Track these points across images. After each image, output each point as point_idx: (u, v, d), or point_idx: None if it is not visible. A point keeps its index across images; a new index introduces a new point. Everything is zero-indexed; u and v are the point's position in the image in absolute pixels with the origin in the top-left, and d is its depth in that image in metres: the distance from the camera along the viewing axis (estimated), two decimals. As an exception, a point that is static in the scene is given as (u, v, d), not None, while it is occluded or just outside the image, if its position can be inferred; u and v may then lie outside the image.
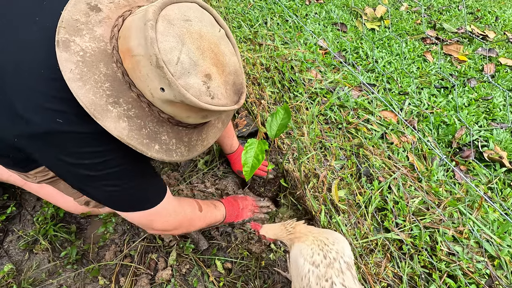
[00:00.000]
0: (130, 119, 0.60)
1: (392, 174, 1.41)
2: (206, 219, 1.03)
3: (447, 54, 2.28)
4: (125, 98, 0.60)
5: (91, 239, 1.18)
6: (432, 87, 1.93)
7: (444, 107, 1.79)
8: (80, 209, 1.15)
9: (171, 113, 0.62)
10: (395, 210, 1.29)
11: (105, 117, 0.57)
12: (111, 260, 1.10)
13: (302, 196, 1.26)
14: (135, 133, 0.60)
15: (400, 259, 1.17)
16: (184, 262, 1.11)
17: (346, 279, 0.75)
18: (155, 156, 0.63)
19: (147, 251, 1.14)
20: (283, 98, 1.77)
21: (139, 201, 0.80)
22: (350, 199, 1.33)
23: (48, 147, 0.63)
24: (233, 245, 1.16)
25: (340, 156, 1.50)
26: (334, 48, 2.19)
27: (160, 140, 0.64)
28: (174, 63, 0.55)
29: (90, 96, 0.56)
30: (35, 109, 0.59)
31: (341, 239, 0.87)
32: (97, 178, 0.69)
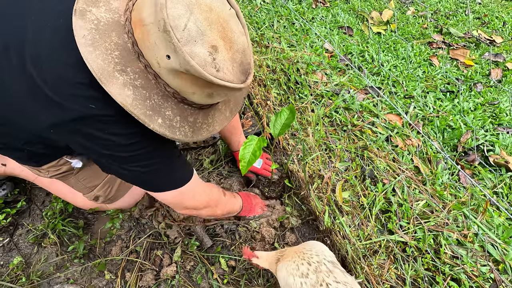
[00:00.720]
0: (135, 88, 0.60)
1: (397, 177, 1.41)
2: (228, 205, 1.07)
3: (453, 58, 2.28)
4: (132, 67, 0.61)
5: (98, 234, 1.21)
6: (438, 91, 1.93)
7: (449, 111, 1.79)
8: (89, 205, 1.18)
9: (177, 87, 0.62)
10: (399, 213, 1.29)
11: (111, 83, 0.58)
12: (117, 256, 1.12)
13: (306, 196, 1.27)
14: (139, 102, 0.61)
15: (403, 261, 1.17)
16: (189, 259, 1.12)
17: (337, 276, 0.79)
18: (157, 129, 0.63)
19: (152, 247, 1.16)
20: (288, 100, 1.78)
21: (170, 180, 0.83)
22: (354, 201, 1.34)
23: (81, 133, 0.66)
24: (237, 243, 1.17)
25: (345, 158, 1.51)
26: (340, 51, 2.20)
27: (164, 114, 0.64)
28: (181, 29, 0.56)
29: (99, 61, 0.58)
30: (68, 96, 0.62)
31: (317, 244, 0.90)
32: (128, 159, 0.72)
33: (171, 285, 1.07)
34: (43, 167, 0.92)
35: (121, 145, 0.69)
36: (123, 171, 0.76)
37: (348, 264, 1.10)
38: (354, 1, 2.87)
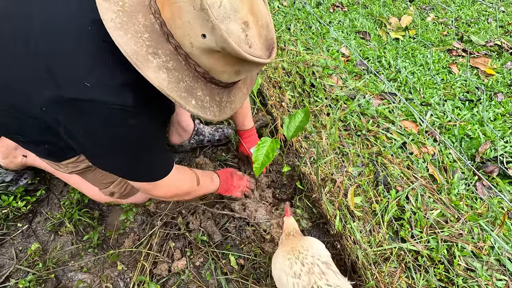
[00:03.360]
0: (169, 71, 0.60)
1: (411, 184, 1.39)
2: (200, 191, 1.09)
3: (474, 67, 2.23)
4: (163, 49, 0.59)
5: (112, 226, 1.24)
6: (457, 99, 1.89)
7: (468, 120, 1.75)
8: (104, 199, 1.21)
9: (208, 66, 0.61)
10: (413, 221, 1.27)
11: (146, 67, 0.57)
12: (129, 248, 1.14)
13: (318, 199, 1.27)
14: (174, 85, 0.60)
15: (415, 270, 1.15)
16: (199, 255, 1.14)
17: (329, 278, 0.79)
18: (192, 110, 0.63)
19: (165, 239, 1.18)
20: (303, 103, 1.79)
21: (151, 173, 0.85)
22: (366, 206, 1.32)
23: (72, 114, 0.66)
24: (246, 242, 1.18)
25: (358, 163, 1.50)
26: (357, 56, 2.19)
27: (196, 95, 0.64)
28: (217, 6, 0.55)
29: (132, 45, 0.57)
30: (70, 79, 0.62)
31: (315, 243, 0.91)
32: (114, 149, 0.74)
33: (180, 280, 1.09)
34: (62, 163, 0.96)
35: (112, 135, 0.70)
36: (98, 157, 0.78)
37: (358, 270, 1.09)
38: (372, 6, 2.85)
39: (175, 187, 0.95)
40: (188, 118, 1.41)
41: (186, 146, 1.44)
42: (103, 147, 0.73)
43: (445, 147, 1.60)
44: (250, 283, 1.08)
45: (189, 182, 1.01)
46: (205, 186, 1.11)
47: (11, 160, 1.18)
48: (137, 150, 0.76)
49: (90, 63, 0.63)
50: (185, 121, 1.40)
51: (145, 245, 1.16)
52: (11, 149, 1.17)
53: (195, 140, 1.43)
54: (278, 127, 1.49)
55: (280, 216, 1.26)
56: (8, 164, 1.19)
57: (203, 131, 1.45)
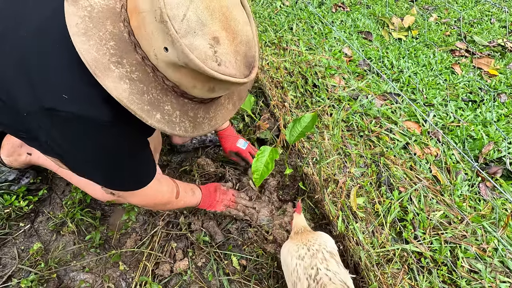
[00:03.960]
0: (132, 81, 0.56)
1: (414, 185, 1.38)
2: (179, 204, 1.07)
3: (477, 67, 2.22)
4: (129, 59, 0.57)
5: (114, 226, 1.23)
6: (460, 100, 1.88)
7: (471, 121, 1.74)
8: (107, 197, 1.20)
9: (176, 81, 0.58)
10: (415, 222, 1.26)
11: (106, 76, 0.54)
12: (131, 248, 1.14)
13: (320, 200, 1.26)
14: (136, 97, 0.57)
15: (418, 272, 1.14)
16: (201, 255, 1.14)
17: (330, 265, 0.83)
18: (156, 125, 0.59)
19: (167, 239, 1.18)
20: (305, 103, 1.78)
21: (130, 183, 0.83)
22: (368, 207, 1.32)
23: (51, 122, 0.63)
24: (248, 243, 1.17)
25: (360, 164, 1.49)
26: (359, 56, 2.18)
27: (163, 109, 0.60)
28: (179, 19, 0.51)
29: (93, 52, 0.54)
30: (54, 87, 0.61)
31: (324, 235, 0.96)
32: (91, 158, 0.72)
33: (182, 280, 1.08)
34: None
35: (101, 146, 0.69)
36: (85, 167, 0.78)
37: (361, 271, 1.08)
38: (375, 6, 2.84)
39: (152, 197, 0.94)
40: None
41: (188, 146, 1.44)
42: (81, 156, 0.72)
43: (448, 148, 1.59)
44: (253, 284, 1.08)
45: (167, 193, 0.99)
46: (185, 199, 1.09)
47: (15, 158, 1.18)
48: (115, 160, 0.74)
49: (67, 74, 0.60)
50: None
51: (147, 245, 1.16)
52: (16, 146, 1.17)
53: (197, 140, 1.43)
54: (281, 127, 1.49)
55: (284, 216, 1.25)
56: (12, 162, 1.18)
57: (205, 131, 1.45)
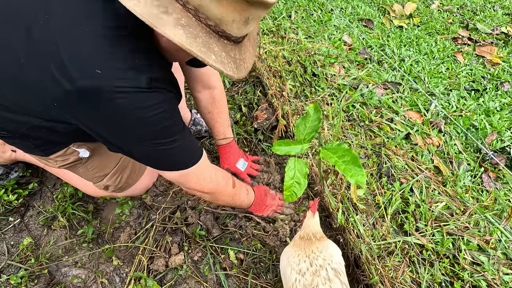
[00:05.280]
0: (183, 27, 0.58)
1: (415, 176, 1.35)
2: (234, 198, 1.03)
3: (479, 55, 2.17)
4: (173, 7, 0.58)
5: (107, 220, 1.20)
6: (462, 89, 1.84)
7: (474, 110, 1.70)
8: (100, 193, 1.17)
9: (218, 16, 0.60)
10: (417, 214, 1.24)
11: (163, 25, 0.56)
12: (125, 242, 1.11)
13: (320, 192, 1.23)
14: (193, 40, 0.58)
15: (419, 264, 1.11)
16: (197, 249, 1.10)
17: (334, 286, 0.74)
18: (214, 65, 0.61)
19: (162, 233, 1.14)
20: (304, 92, 1.73)
21: (181, 160, 0.80)
22: (369, 199, 1.28)
23: (93, 106, 0.64)
24: (246, 237, 1.14)
25: (361, 155, 1.46)
26: (360, 44, 2.12)
27: (214, 50, 0.62)
28: None
29: (141, 7, 0.56)
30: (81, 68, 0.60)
31: (331, 247, 0.86)
32: (144, 137, 0.70)
33: (178, 275, 1.05)
34: (50, 157, 0.91)
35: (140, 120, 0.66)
36: (137, 148, 0.74)
37: (362, 265, 1.06)
38: (376, -7, 2.76)
39: (209, 179, 0.90)
40: (184, 107, 1.35)
41: (183, 137, 1.39)
42: (127, 135, 0.71)
43: (450, 138, 1.55)
44: (250, 278, 1.05)
45: (223, 179, 0.96)
46: (240, 195, 1.05)
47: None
48: (162, 134, 0.72)
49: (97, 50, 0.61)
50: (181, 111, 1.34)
51: (141, 240, 1.12)
52: (0, 144, 1.12)
53: (192, 130, 1.38)
54: (279, 117, 1.44)
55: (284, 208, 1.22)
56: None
57: (200, 121, 1.40)
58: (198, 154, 0.85)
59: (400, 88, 1.80)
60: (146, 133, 0.70)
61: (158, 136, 0.71)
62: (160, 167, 0.82)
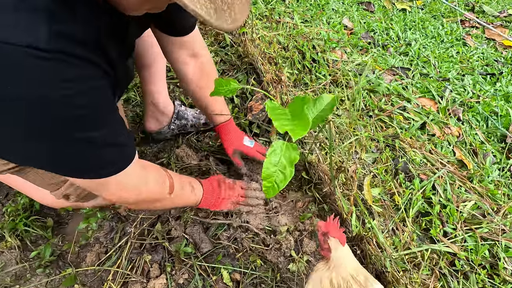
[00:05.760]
0: None
1: (436, 172, 1.16)
2: (174, 203, 0.83)
3: (489, 38, 2.00)
4: None
5: (72, 236, 0.98)
6: (476, 74, 1.67)
7: (492, 96, 1.53)
8: (60, 204, 0.95)
9: None
10: (443, 216, 1.05)
11: None
12: (92, 264, 0.89)
13: (330, 194, 1.03)
14: None
15: (452, 277, 0.93)
16: (182, 270, 0.89)
17: None
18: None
19: (139, 251, 0.93)
20: (303, 80, 1.53)
21: (101, 165, 0.58)
22: (386, 200, 1.09)
23: None
24: (243, 251, 0.94)
25: (372, 149, 1.27)
26: (361, 28, 1.93)
27: None
28: None
29: None
30: None
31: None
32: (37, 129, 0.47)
33: (159, 303, 0.84)
34: None
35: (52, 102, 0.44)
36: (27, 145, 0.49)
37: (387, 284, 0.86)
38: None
39: (135, 190, 0.69)
40: (166, 98, 1.14)
41: (166, 133, 1.18)
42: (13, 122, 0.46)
43: (470, 127, 1.38)
44: (250, 304, 0.84)
45: (156, 186, 0.74)
46: (181, 197, 0.84)
47: None
48: (67, 126, 0.49)
49: None
50: (162, 102, 1.13)
51: (113, 261, 0.91)
52: None
53: (176, 125, 1.17)
54: None
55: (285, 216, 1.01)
56: None
57: (185, 114, 1.19)
58: (127, 157, 0.63)
59: (409, 74, 1.62)
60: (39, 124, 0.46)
61: (60, 131, 0.48)
62: (67, 172, 0.58)
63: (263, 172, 0.67)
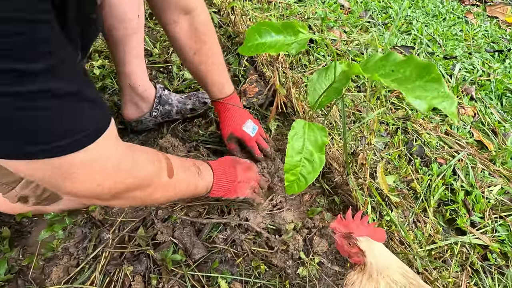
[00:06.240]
0: None
1: (455, 155, 1.04)
2: (177, 190, 0.62)
3: (491, 16, 1.91)
4: None
5: (36, 247, 0.81)
6: (483, 51, 1.56)
7: (503, 73, 1.43)
8: (17, 209, 0.78)
9: None
10: (468, 203, 0.93)
11: None
12: (59, 282, 0.73)
13: (342, 184, 0.89)
14: None
15: (485, 273, 0.81)
16: (171, 281, 0.74)
17: None
18: None
19: (118, 262, 0.77)
20: (300, 62, 1.39)
21: (56, 131, 0.38)
22: (402, 188, 0.96)
23: None
24: (243, 255, 0.79)
25: (382, 132, 1.14)
26: (358, 7, 1.80)
27: None
28: None
29: None
30: None
31: None
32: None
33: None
34: None
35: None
36: None
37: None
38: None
39: (118, 172, 0.48)
40: (146, 79, 0.97)
41: (148, 122, 1.02)
42: None
43: (484, 106, 1.26)
44: (254, 319, 0.70)
45: (150, 165, 0.55)
46: (186, 182, 0.65)
47: None
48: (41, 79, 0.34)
49: None
50: (141, 85, 0.96)
51: (86, 276, 0.75)
52: None
53: (158, 111, 1.01)
54: (276, 84, 1.08)
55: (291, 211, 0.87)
56: None
57: (169, 99, 1.02)
58: (105, 116, 0.45)
59: (414, 52, 1.50)
60: None
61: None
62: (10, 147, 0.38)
63: (286, 162, 0.52)
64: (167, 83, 1.22)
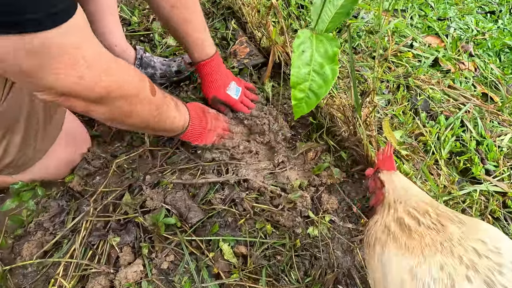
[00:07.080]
0: None
1: (462, 107, 0.99)
2: (159, 109, 0.59)
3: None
4: None
5: (3, 225, 0.69)
6: (475, 13, 1.53)
7: (498, 31, 1.39)
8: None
9: None
10: (482, 152, 0.87)
11: None
12: (30, 258, 0.62)
13: (348, 137, 0.82)
14: None
15: (506, 220, 0.75)
16: (166, 250, 0.64)
17: None
18: None
19: (101, 233, 0.66)
20: (291, 27, 1.31)
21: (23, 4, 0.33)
22: (411, 142, 0.90)
23: None
24: (246, 216, 0.70)
25: (383, 90, 1.07)
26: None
27: None
28: None
29: None
30: None
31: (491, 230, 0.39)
32: None
33: (136, 300, 0.59)
34: None
35: None
36: None
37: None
38: None
39: (101, 63, 0.44)
40: (122, 39, 0.87)
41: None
42: None
43: (484, 62, 1.22)
44: (264, 284, 0.61)
45: (135, 76, 0.52)
46: (166, 108, 0.62)
47: None
48: None
49: None
50: (118, 44, 0.86)
51: (64, 251, 0.64)
52: None
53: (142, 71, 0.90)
54: (270, 32, 0.99)
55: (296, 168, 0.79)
56: None
57: (151, 61, 0.92)
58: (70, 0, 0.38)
59: (407, 15, 1.45)
60: None
61: None
62: None
63: (292, 75, 0.44)
64: (150, 51, 1.12)
